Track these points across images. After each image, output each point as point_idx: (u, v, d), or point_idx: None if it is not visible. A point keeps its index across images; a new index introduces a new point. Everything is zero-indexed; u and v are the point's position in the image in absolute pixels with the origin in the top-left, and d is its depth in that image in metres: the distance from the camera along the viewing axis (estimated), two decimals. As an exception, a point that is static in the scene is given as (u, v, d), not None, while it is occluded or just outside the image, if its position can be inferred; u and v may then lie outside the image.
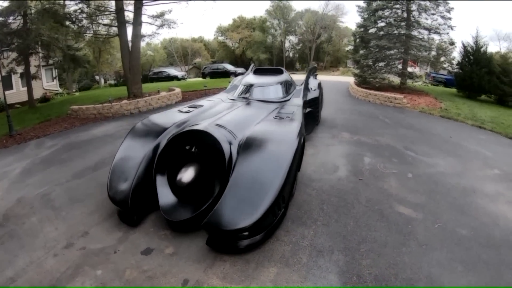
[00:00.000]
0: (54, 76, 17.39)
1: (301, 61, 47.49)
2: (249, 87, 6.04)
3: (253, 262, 2.77)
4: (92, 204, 4.05)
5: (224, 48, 42.61)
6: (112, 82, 29.03)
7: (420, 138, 7.02)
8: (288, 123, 4.09)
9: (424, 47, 12.50)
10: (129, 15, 10.91)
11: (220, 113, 4.63)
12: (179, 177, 3.28)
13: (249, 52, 39.67)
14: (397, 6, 12.54)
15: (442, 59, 13.82)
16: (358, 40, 14.25)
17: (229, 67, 25.18)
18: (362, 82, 14.37)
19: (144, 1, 10.17)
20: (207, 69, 25.87)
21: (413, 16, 12.48)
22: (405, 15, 12.55)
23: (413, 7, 12.35)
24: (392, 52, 13.30)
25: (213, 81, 19.43)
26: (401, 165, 5.31)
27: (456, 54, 13.69)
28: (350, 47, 54.33)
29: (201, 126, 3.67)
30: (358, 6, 13.68)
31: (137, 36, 10.41)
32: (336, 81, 19.07)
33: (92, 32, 12.53)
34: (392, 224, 3.47)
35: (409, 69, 13.79)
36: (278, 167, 3.06)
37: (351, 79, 18.16)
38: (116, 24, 10.54)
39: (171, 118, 4.47)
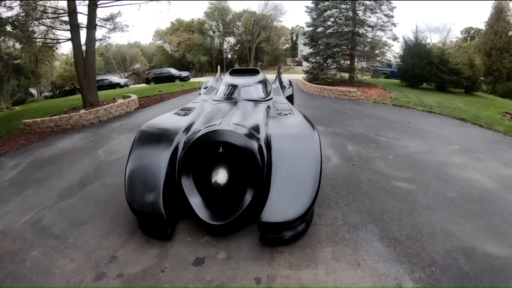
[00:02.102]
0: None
1: (240, 62, 48.97)
2: (234, 88, 6.34)
3: (307, 247, 3.15)
4: (101, 224, 3.78)
5: (163, 52, 41.88)
6: (48, 94, 26.25)
7: (384, 125, 8.20)
8: (296, 119, 4.55)
9: (370, 43, 14.36)
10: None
11: (221, 114, 4.81)
12: (214, 179, 3.40)
13: (190, 55, 39.61)
14: (343, 6, 14.18)
15: (377, 52, 15.82)
16: (307, 38, 15.58)
17: (174, 71, 25.16)
18: (314, 78, 15.74)
19: (98, 2, 9.68)
20: (150, 74, 25.34)
21: (357, 15, 14.24)
22: (351, 14, 14.23)
23: (359, 7, 14.11)
24: (339, 49, 14.89)
25: (162, 85, 18.94)
26: (380, 149, 6.24)
27: (398, 48, 16.02)
28: (287, 46, 57.29)
29: (224, 126, 3.90)
30: (307, 7, 15.09)
31: (92, 40, 9.87)
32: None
33: (36, 37, 11.30)
34: (397, 196, 4.23)
35: (358, 64, 15.60)
36: (312, 158, 3.46)
37: (296, 76, 19.60)
38: (61, 28, 9.79)
39: (176, 121, 4.55)
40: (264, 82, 6.85)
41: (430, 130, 7.67)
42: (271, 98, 6.37)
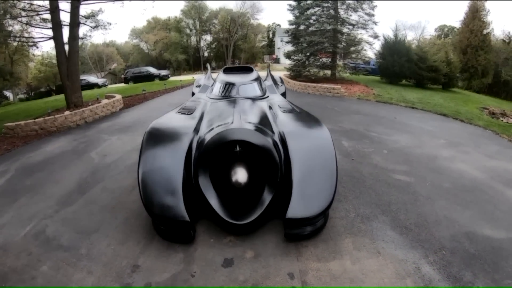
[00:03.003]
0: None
1: (217, 60, 48.94)
2: (231, 86, 6.40)
3: (329, 240, 3.35)
4: (113, 231, 3.60)
5: (139, 51, 41.23)
6: (23, 96, 24.87)
7: (372, 121, 8.63)
8: (303, 116, 4.75)
9: (352, 41, 14.92)
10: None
11: (227, 112, 4.81)
12: (234, 178, 3.46)
13: (167, 53, 39.19)
14: (325, 4, 14.62)
15: (352, 49, 16.39)
16: (290, 36, 15.92)
17: (153, 70, 25.16)
18: (297, 75, 16.10)
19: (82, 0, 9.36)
20: (129, 73, 24.95)
21: (339, 14, 14.74)
22: (333, 12, 14.71)
23: (341, 5, 14.62)
24: (321, 47, 15.32)
25: (142, 85, 18.56)
26: (373, 144, 6.61)
27: (378, 46, 16.71)
28: (263, 43, 57.83)
29: (238, 124, 3.99)
30: (290, 5, 15.43)
31: (75, 38, 9.54)
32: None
33: (15, 36, 10.67)
34: (398, 188, 4.57)
35: (340, 62, 16.15)
36: (328, 153, 3.68)
37: (277, 73, 20.00)
38: (41, 26, 9.35)
39: (183, 121, 4.59)
40: (259, 80, 6.98)
41: (415, 125, 8.18)
42: (268, 96, 6.50)
